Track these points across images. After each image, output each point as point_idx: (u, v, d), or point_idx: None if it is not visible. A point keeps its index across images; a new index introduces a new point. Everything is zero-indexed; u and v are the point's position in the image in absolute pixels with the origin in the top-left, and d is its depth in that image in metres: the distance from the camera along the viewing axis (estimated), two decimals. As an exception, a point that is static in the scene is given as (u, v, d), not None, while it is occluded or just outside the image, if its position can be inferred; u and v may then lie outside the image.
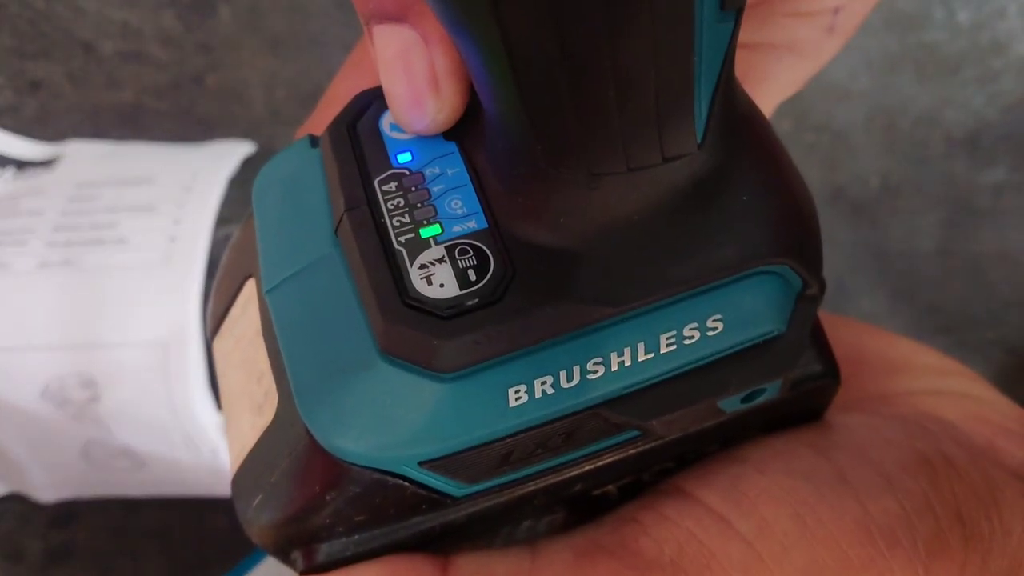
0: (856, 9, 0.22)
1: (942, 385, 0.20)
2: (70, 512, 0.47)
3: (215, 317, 0.18)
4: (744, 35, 0.21)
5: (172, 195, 0.43)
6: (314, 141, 0.17)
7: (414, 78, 0.14)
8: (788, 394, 0.16)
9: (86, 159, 0.46)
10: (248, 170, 0.46)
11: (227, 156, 0.45)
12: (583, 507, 0.17)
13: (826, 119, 0.46)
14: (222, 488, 0.44)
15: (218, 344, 0.18)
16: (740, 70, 0.21)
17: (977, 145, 0.45)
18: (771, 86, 0.23)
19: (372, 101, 0.16)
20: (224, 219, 0.45)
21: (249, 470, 0.16)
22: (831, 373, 0.17)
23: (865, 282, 0.46)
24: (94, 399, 0.40)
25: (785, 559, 0.15)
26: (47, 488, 0.45)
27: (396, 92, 0.15)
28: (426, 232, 0.14)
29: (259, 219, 0.16)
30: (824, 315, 0.18)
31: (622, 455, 0.16)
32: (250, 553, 0.44)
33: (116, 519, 0.47)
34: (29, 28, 0.46)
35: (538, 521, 0.17)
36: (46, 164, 0.46)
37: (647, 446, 0.16)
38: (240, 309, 0.17)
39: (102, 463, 0.43)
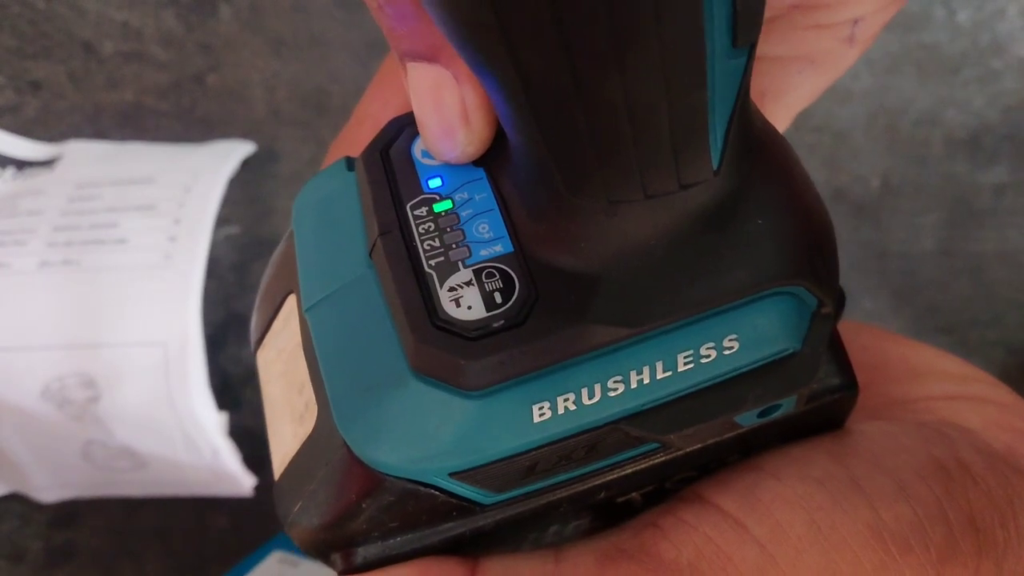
0: (876, 19, 0.22)
1: (964, 391, 0.20)
2: (70, 512, 0.47)
3: (259, 329, 0.19)
4: (764, 48, 0.21)
5: (172, 195, 0.43)
6: (350, 164, 0.17)
7: (445, 112, 0.15)
8: (805, 407, 0.17)
9: (86, 159, 0.46)
10: (248, 170, 0.46)
11: (227, 156, 0.45)
12: (608, 513, 0.17)
13: (827, 119, 0.46)
14: (222, 488, 0.44)
15: (261, 355, 0.19)
16: (760, 84, 0.21)
17: (978, 145, 0.45)
18: (791, 98, 0.23)
19: (404, 127, 0.17)
20: (224, 219, 0.45)
21: (290, 477, 0.17)
22: (849, 385, 0.17)
23: (866, 282, 0.46)
24: (94, 399, 0.40)
25: (799, 562, 0.15)
26: (47, 488, 0.45)
27: (428, 124, 0.15)
28: (455, 255, 0.15)
29: (299, 239, 0.17)
30: (848, 323, 0.18)
31: (643, 465, 0.16)
32: (250, 553, 0.44)
33: (116, 519, 0.47)
34: (29, 28, 0.46)
35: (565, 526, 0.18)
36: (46, 164, 0.46)
37: (668, 457, 0.16)
38: (282, 323, 0.18)
39: (102, 463, 0.43)
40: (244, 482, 0.43)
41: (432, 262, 0.15)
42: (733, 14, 0.12)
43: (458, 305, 0.14)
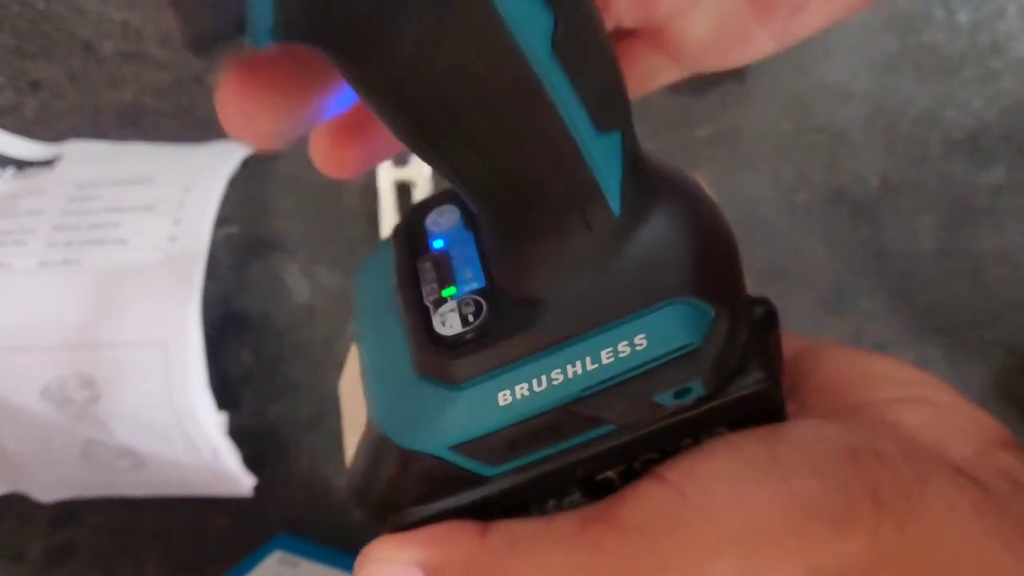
0: None
1: (910, 394, 0.23)
2: (70, 512, 0.47)
3: (339, 368, 0.25)
4: None
5: (172, 195, 0.43)
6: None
7: None
8: (731, 396, 0.21)
9: (86, 159, 0.46)
10: (248, 170, 0.46)
11: (227, 156, 0.45)
12: (592, 490, 0.22)
13: (826, 120, 0.46)
14: (222, 488, 0.44)
15: (342, 383, 0.25)
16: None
17: (976, 146, 0.45)
18: (811, 16, 0.22)
19: (425, 206, 0.23)
20: (224, 219, 0.45)
21: (355, 463, 0.22)
22: (767, 379, 0.21)
23: (865, 282, 0.46)
24: (94, 399, 0.40)
25: (724, 522, 0.19)
26: (47, 488, 0.45)
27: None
28: (446, 292, 0.21)
29: (357, 295, 0.24)
30: (827, 342, 0.24)
31: (606, 446, 0.21)
32: (250, 553, 0.44)
33: (116, 519, 0.47)
34: (29, 28, 0.46)
35: (561, 501, 0.22)
36: (46, 164, 0.46)
37: (623, 440, 0.21)
38: (352, 360, 0.24)
39: (102, 463, 0.43)
40: (244, 482, 0.44)
41: (430, 298, 0.21)
42: (586, 110, 0.18)
43: (444, 325, 0.20)
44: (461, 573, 0.21)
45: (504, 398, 0.20)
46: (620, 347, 0.20)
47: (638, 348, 0.20)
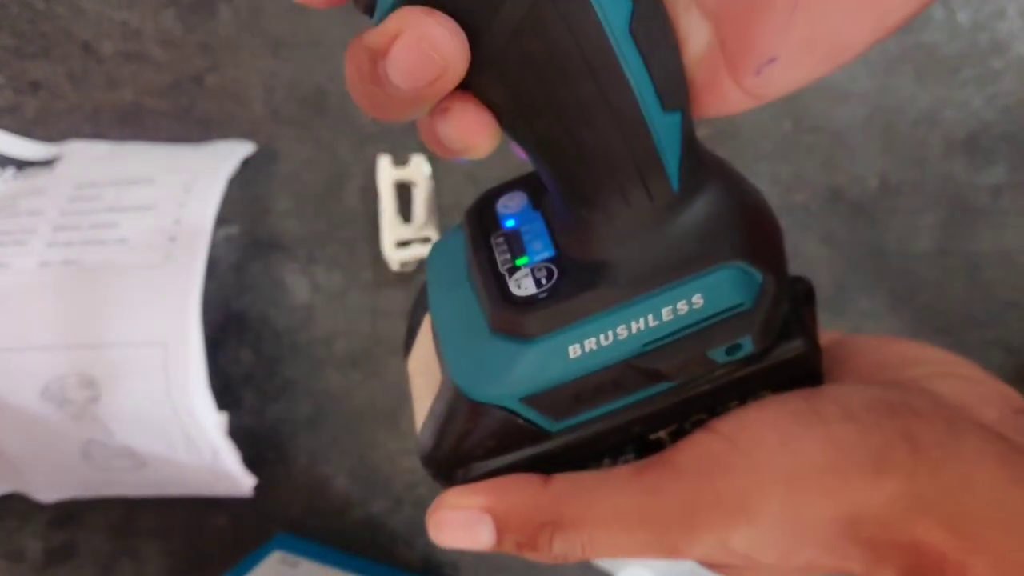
0: None
1: (943, 370, 0.24)
2: (70, 512, 0.47)
3: (407, 345, 0.27)
4: None
5: (172, 195, 0.43)
6: (460, 224, 0.26)
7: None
8: (773, 361, 0.23)
9: (86, 159, 0.46)
10: (248, 170, 0.46)
11: (227, 156, 0.45)
12: (645, 449, 0.24)
13: (825, 120, 0.46)
14: (222, 488, 0.44)
15: (410, 361, 0.27)
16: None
17: (976, 146, 0.45)
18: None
19: (494, 193, 0.25)
20: (224, 219, 0.45)
21: (426, 424, 0.24)
22: (806, 343, 0.23)
23: (864, 282, 0.46)
24: (94, 399, 0.40)
25: (771, 464, 0.21)
26: (47, 488, 0.45)
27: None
28: (519, 262, 0.23)
29: (429, 273, 0.26)
30: (865, 335, 0.26)
31: (662, 404, 0.23)
32: (250, 553, 0.44)
33: (116, 519, 0.47)
34: (29, 28, 0.46)
35: (615, 460, 0.24)
36: (46, 164, 0.46)
37: (678, 397, 0.23)
38: (423, 335, 0.26)
39: (102, 463, 0.43)
40: (244, 482, 0.44)
41: (505, 267, 0.23)
42: (654, 87, 0.20)
43: (519, 288, 0.22)
44: (526, 515, 0.23)
45: (574, 351, 0.22)
46: (679, 305, 0.22)
47: (695, 306, 0.22)
